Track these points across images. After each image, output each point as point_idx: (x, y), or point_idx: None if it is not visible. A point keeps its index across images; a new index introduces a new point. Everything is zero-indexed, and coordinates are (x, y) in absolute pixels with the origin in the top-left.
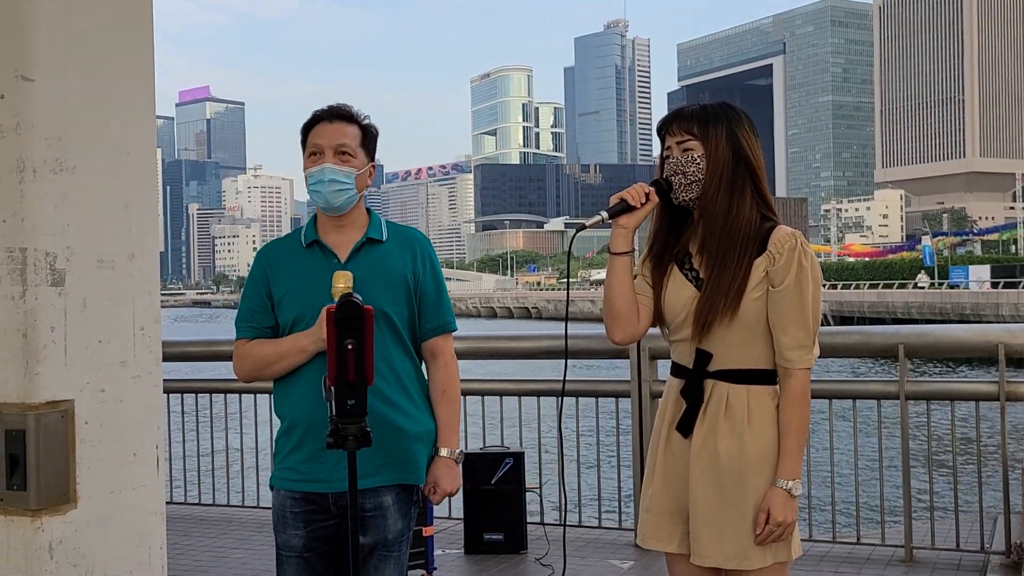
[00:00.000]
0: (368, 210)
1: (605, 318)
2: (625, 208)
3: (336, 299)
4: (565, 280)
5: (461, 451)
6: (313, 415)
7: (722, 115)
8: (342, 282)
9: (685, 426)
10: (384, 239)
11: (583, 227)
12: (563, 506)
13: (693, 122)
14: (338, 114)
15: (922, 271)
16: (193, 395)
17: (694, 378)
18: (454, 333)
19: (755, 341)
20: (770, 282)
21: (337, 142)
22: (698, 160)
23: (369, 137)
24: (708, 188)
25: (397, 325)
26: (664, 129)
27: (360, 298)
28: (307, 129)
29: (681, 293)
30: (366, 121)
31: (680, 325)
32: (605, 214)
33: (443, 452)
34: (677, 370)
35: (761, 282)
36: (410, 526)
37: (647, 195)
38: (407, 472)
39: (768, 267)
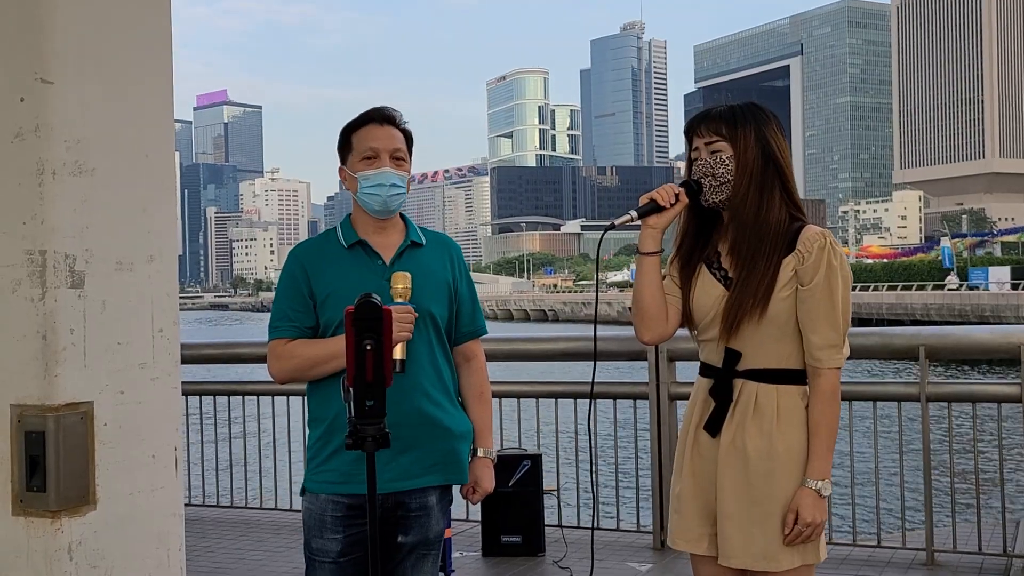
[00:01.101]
0: (401, 213)
1: (634, 318)
2: (654, 208)
3: (395, 300)
4: (582, 282)
5: (496, 451)
6: None
7: (750, 116)
8: (401, 283)
9: (713, 426)
10: (423, 243)
11: (612, 225)
12: (595, 509)
13: (721, 123)
14: (388, 118)
15: (952, 272)
16: (211, 397)
17: (723, 377)
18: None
19: (784, 340)
20: (799, 281)
21: (394, 147)
22: (727, 161)
23: (411, 142)
24: (738, 189)
25: (441, 328)
26: (692, 130)
27: (379, 298)
28: (354, 129)
29: (710, 293)
30: (406, 126)
31: (708, 324)
32: (634, 213)
33: (481, 452)
34: (706, 370)
35: (790, 281)
36: (446, 524)
37: (676, 196)
38: (454, 472)
39: (797, 266)
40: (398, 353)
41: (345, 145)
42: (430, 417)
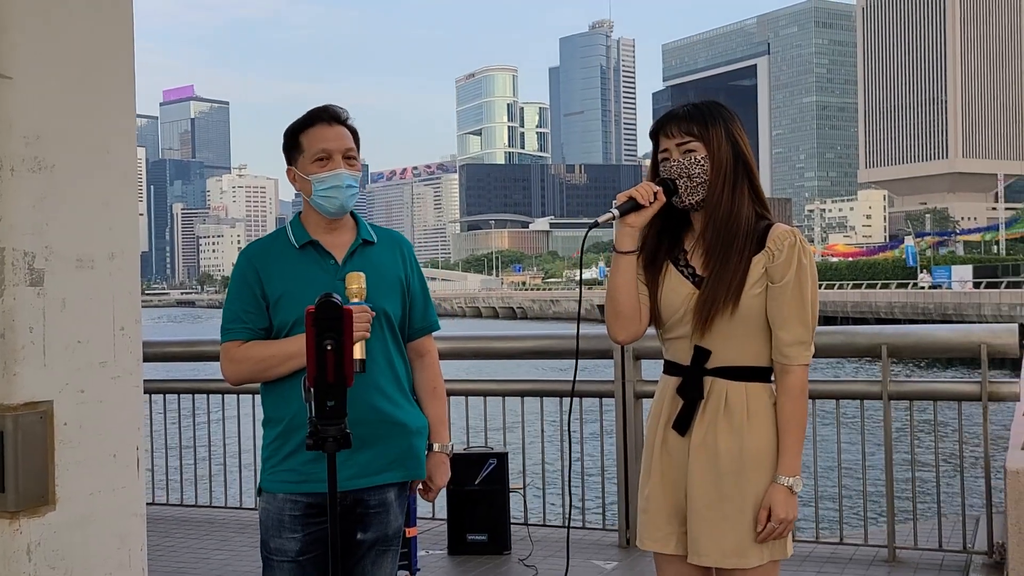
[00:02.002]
0: (351, 211)
1: (608, 317)
2: (634, 206)
3: (352, 300)
4: (551, 280)
5: (452, 445)
6: None
7: (718, 114)
8: (356, 283)
9: (682, 424)
10: (374, 240)
11: (596, 223)
12: (567, 507)
13: (693, 123)
14: (337, 116)
15: (924, 271)
16: (175, 396)
17: (693, 375)
18: (436, 332)
19: (754, 338)
20: (769, 278)
21: (346, 147)
22: (702, 162)
23: (358, 139)
24: (714, 189)
25: (395, 325)
26: (660, 131)
27: (339, 297)
28: (302, 130)
29: (679, 290)
30: (352, 122)
31: (678, 322)
32: (616, 211)
33: (436, 447)
34: (672, 368)
35: (761, 278)
36: (404, 520)
37: (655, 195)
38: (411, 468)
39: (767, 263)
40: (358, 353)
41: (294, 146)
42: (387, 414)
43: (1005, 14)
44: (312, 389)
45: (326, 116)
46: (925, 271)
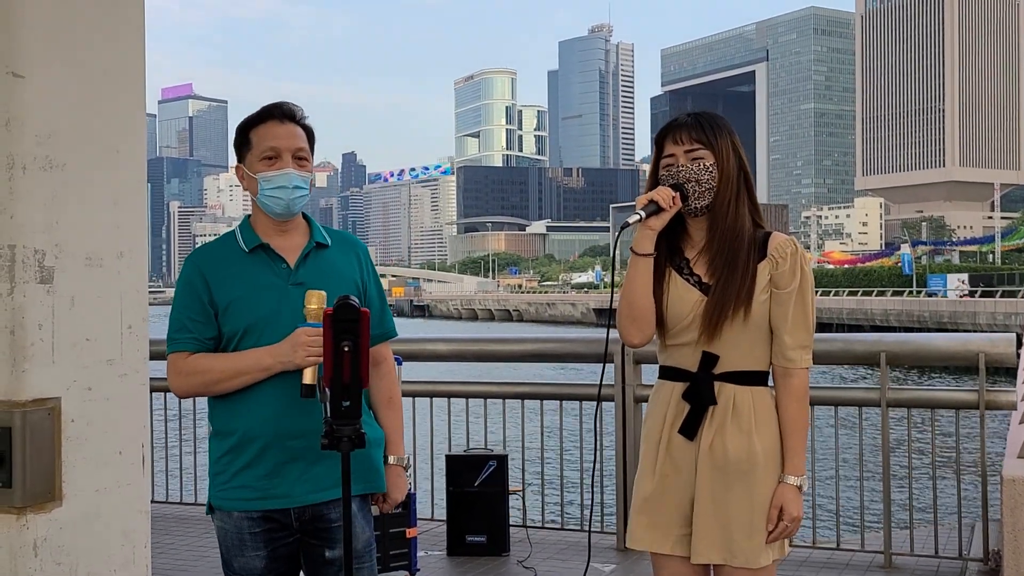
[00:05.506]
0: (304, 213)
1: (624, 320)
2: (657, 210)
3: (308, 320)
4: (547, 283)
5: (408, 457)
6: (278, 427)
7: (723, 125)
8: (315, 303)
9: (690, 428)
10: (328, 243)
11: (627, 224)
12: (593, 511)
13: (703, 131)
14: (289, 114)
15: (960, 280)
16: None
17: (703, 380)
18: (422, 335)
19: (758, 343)
20: (774, 285)
21: (296, 146)
22: (711, 168)
23: (312, 138)
24: (723, 196)
25: None
26: (667, 136)
27: (357, 300)
28: (252, 126)
29: (686, 297)
30: (307, 121)
31: (685, 328)
32: (643, 213)
33: (392, 460)
34: (675, 373)
35: (767, 285)
36: (374, 531)
37: (672, 199)
38: (372, 480)
39: (772, 271)
40: (307, 378)
41: (244, 143)
42: None
43: (1003, 24)
44: (328, 389)
45: (278, 113)
46: (961, 281)
